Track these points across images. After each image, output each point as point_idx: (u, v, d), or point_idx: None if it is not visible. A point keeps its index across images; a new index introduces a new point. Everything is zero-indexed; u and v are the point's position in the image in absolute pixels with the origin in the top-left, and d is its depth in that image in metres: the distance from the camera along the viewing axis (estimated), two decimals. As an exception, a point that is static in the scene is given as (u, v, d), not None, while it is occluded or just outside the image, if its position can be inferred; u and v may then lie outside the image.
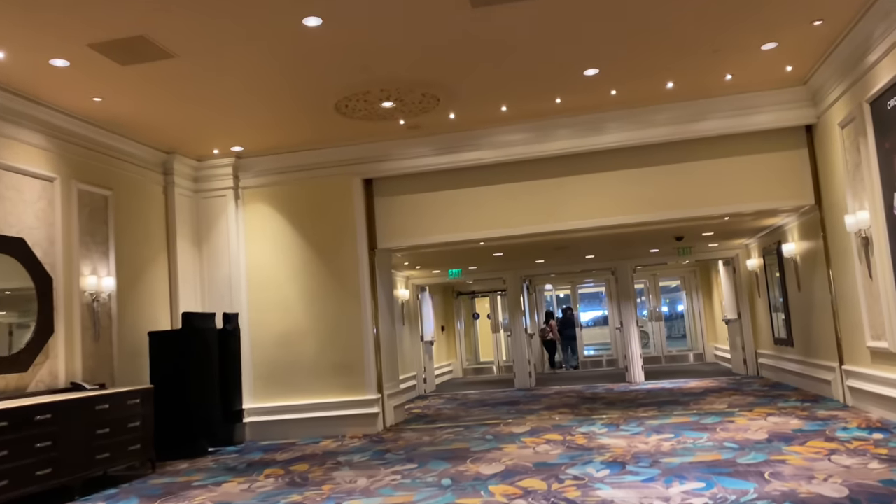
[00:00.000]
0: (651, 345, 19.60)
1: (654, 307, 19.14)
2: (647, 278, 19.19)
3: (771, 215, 10.03)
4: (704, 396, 10.95)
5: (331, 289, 9.89)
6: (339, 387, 9.76)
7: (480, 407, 11.86)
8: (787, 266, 10.99)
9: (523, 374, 14.70)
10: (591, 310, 28.75)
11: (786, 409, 8.92)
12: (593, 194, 9.54)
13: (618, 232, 10.33)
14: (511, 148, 9.58)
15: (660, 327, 18.94)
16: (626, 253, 13.88)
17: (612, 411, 10.01)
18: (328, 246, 9.97)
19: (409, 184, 10.08)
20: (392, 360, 10.58)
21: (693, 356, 18.58)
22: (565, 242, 11.53)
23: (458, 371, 19.25)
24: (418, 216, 10.03)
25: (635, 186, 9.42)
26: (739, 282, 13.96)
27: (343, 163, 9.94)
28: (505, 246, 11.39)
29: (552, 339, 19.02)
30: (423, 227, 10.02)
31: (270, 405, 9.85)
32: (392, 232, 10.14)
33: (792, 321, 11.10)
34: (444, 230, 9.95)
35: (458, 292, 19.61)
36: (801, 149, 9.10)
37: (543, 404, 11.53)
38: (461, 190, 9.93)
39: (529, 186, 9.73)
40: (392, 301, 10.96)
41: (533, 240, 10.50)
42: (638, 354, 14.29)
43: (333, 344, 9.81)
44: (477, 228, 9.86)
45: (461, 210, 9.90)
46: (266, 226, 10.15)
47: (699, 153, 9.31)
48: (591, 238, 11.16)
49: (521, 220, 9.72)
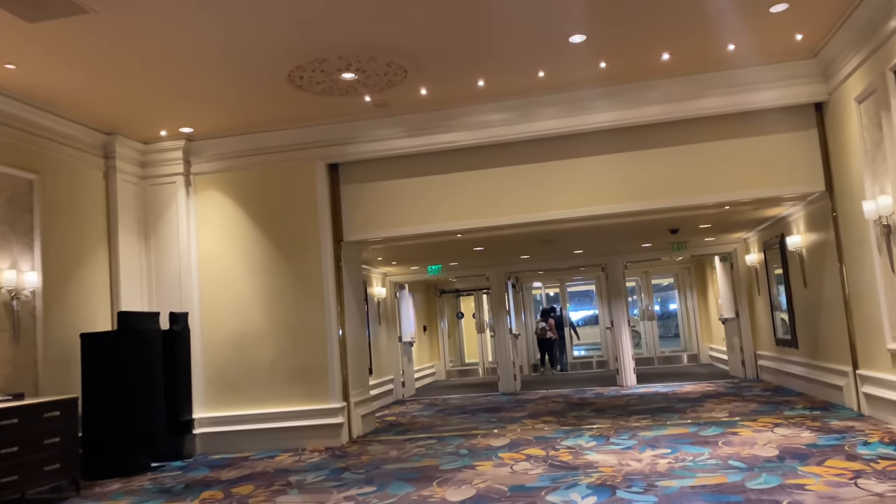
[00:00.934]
0: (643, 345, 18.72)
1: (646, 306, 18.26)
2: (639, 275, 18.31)
3: (775, 204, 9.14)
4: (702, 403, 10.06)
5: (291, 285, 8.94)
6: (299, 394, 8.80)
7: (459, 414, 10.93)
8: (791, 260, 10.12)
9: (508, 378, 13.78)
10: (582, 309, 27.92)
11: (794, 418, 8.03)
12: (581, 181, 8.63)
13: (608, 223, 9.43)
14: (490, 129, 8.66)
15: (652, 327, 18.07)
16: (617, 248, 12.98)
17: (602, 420, 9.11)
18: (289, 238, 9.01)
19: (378, 169, 9.14)
20: (361, 364, 9.63)
21: (687, 357, 17.72)
22: (551, 235, 10.62)
23: (442, 373, 18.33)
24: (389, 205, 9.09)
25: (627, 172, 8.52)
26: (737, 278, 13.09)
27: (305, 146, 8.99)
28: (486, 239, 10.47)
29: (552, 337, 18.06)
30: (395, 218, 9.08)
31: (224, 415, 8.88)
32: (360, 223, 9.20)
33: (796, 320, 10.22)
34: (417, 221, 9.01)
35: (441, 290, 18.68)
36: (811, 129, 8.22)
37: (527, 411, 10.61)
38: (436, 176, 9.00)
39: (511, 172, 8.81)
40: (362, 299, 10.02)
41: (516, 231, 9.59)
42: (630, 356, 13.40)
43: (294, 347, 8.86)
44: (453, 219, 8.94)
45: (436, 198, 8.97)
46: (220, 216, 9.18)
47: (697, 135, 8.42)
48: (579, 230, 10.25)
49: (501, 210, 8.80)
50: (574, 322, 20.39)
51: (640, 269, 17.85)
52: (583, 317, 28.66)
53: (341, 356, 8.97)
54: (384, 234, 9.16)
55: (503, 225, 8.92)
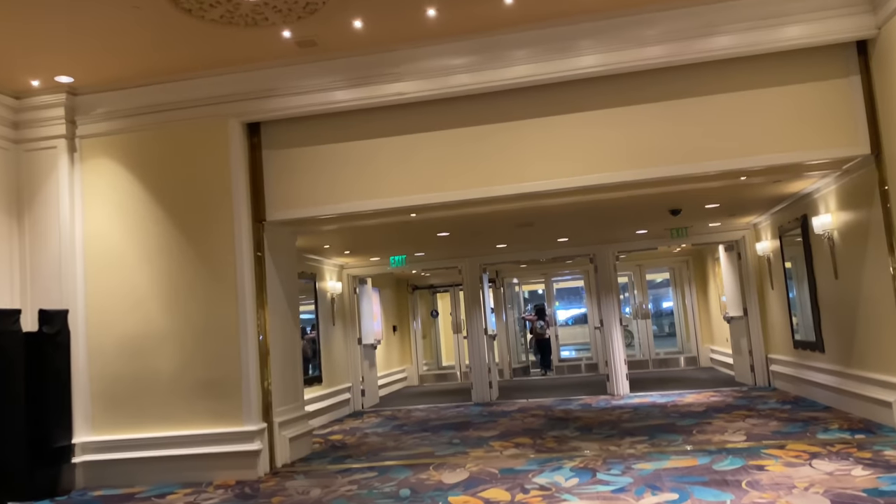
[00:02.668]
0: (636, 346, 16.98)
1: (640, 303, 16.51)
2: (632, 269, 16.55)
3: (801, 174, 7.36)
4: (709, 418, 8.30)
5: (200, 276, 7.12)
6: (207, 414, 6.99)
7: (419, 431, 9.13)
8: (816, 247, 8.38)
9: (482, 385, 11.99)
10: (571, 307, 26.22)
11: (833, 444, 6.28)
12: (563, 144, 6.85)
13: (597, 199, 7.63)
14: (448, 77, 6.86)
15: (646, 326, 16.32)
16: (608, 234, 11.21)
17: (588, 442, 7.34)
18: (196, 217, 7.20)
19: (309, 130, 7.34)
20: (291, 374, 7.82)
21: (685, 360, 15.98)
22: (528, 216, 8.84)
23: (414, 378, 16.52)
24: (324, 176, 7.29)
25: (620, 132, 6.75)
26: (746, 271, 11.35)
27: (214, 99, 7.16)
28: (449, 221, 8.67)
29: (549, 337, 16.41)
30: (331, 192, 7.27)
31: (114, 438, 7.06)
32: (288, 197, 7.38)
33: (822, 319, 8.48)
34: (359, 195, 7.21)
35: (413, 286, 16.87)
36: (851, 76, 6.46)
37: (499, 428, 8.83)
38: (382, 139, 7.20)
39: (475, 134, 7.02)
40: (295, 294, 8.20)
41: (484, 210, 7.79)
42: (622, 361, 11.63)
43: (202, 354, 7.05)
44: (405, 193, 7.13)
45: (383, 167, 7.17)
46: (112, 189, 7.36)
47: (706, 84, 6.66)
48: (562, 209, 8.48)
49: (465, 181, 7.01)
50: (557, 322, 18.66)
51: (633, 261, 16.10)
52: (571, 316, 26.98)
53: (261, 366, 7.16)
54: (318, 211, 7.35)
55: (467, 200, 7.12)
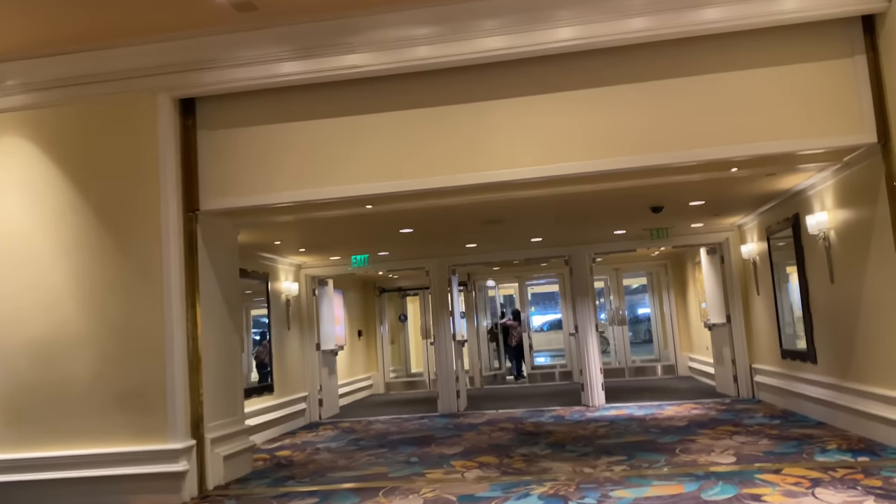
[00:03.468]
0: (612, 353, 16.30)
1: (616, 308, 15.82)
2: (609, 274, 15.88)
3: (796, 165, 6.65)
4: (693, 434, 7.58)
5: (121, 273, 6.24)
6: (127, 428, 6.10)
7: (375, 447, 8.30)
8: (810, 248, 7.71)
9: (448, 395, 11.18)
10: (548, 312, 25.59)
11: (834, 468, 5.57)
12: (535, 128, 6.08)
13: (571, 193, 6.90)
14: (408, 50, 6.06)
15: (623, 333, 15.65)
16: (584, 235, 10.48)
17: (560, 462, 6.57)
18: (119, 206, 6.31)
19: (251, 108, 6.50)
20: (229, 384, 6.96)
21: (662, 368, 15.32)
22: (497, 211, 8.07)
23: (380, 386, 15.67)
24: (268, 160, 6.45)
25: (599, 115, 6.00)
26: (729, 275, 10.69)
27: (141, 71, 6.29)
28: (410, 214, 7.87)
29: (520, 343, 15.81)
30: (276, 178, 6.43)
31: (18, 457, 6.14)
32: (226, 184, 6.52)
33: (815, 327, 7.82)
34: (307, 182, 6.37)
35: (381, 288, 16.03)
36: (857, 55, 5.78)
37: (463, 444, 8.03)
38: (334, 120, 6.38)
39: (438, 115, 6.23)
40: (236, 295, 7.33)
41: (448, 202, 7.01)
42: (597, 370, 10.90)
43: (122, 361, 6.16)
44: (358, 180, 6.31)
45: (335, 151, 6.34)
46: (24, 171, 6.44)
47: (694, 63, 5.94)
48: (534, 205, 7.73)
49: (425, 168, 6.21)
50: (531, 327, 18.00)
51: (609, 265, 15.43)
52: (547, 321, 26.32)
53: (191, 375, 6.29)
54: (260, 200, 6.49)
55: (428, 190, 6.31)
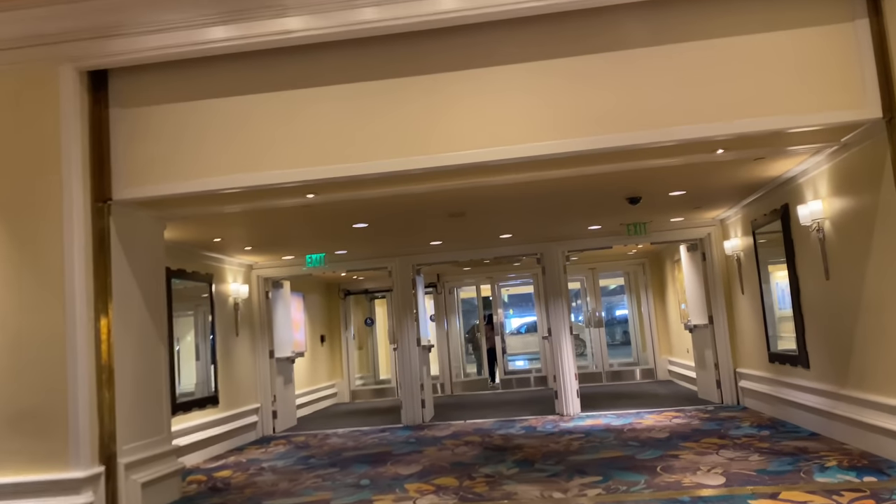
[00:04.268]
0: (589, 356, 15.60)
1: (593, 310, 15.12)
2: (585, 274, 15.18)
3: (788, 146, 5.94)
4: (675, 449, 6.86)
5: (14, 274, 5.35)
6: (21, 455, 5.21)
7: (325, 466, 7.48)
8: (800, 242, 7.03)
9: (412, 405, 10.37)
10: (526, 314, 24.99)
11: (838, 490, 4.85)
12: (498, 104, 5.29)
13: (540, 181, 6.15)
14: (349, 12, 5.23)
15: (600, 335, 14.95)
16: (557, 230, 9.73)
17: (527, 484, 5.80)
18: (13, 196, 5.43)
19: (172, 81, 5.64)
20: (151, 400, 6.08)
21: (640, 372, 14.64)
22: (459, 203, 7.29)
23: (345, 394, 14.81)
24: (191, 141, 5.59)
25: (568, 89, 5.23)
26: (711, 273, 10.01)
27: (40, 38, 5.40)
28: (361, 206, 7.06)
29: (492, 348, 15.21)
30: (201, 162, 5.57)
31: None
32: (143, 170, 5.66)
33: (807, 329, 7.13)
34: (237, 166, 5.52)
35: (345, 291, 15.17)
36: (858, 19, 5.09)
37: (423, 462, 7.24)
38: (266, 95, 5.54)
39: (386, 89, 5.42)
40: (162, 300, 6.46)
41: (402, 192, 6.23)
42: (572, 376, 10.15)
43: (15, 376, 5.27)
44: (296, 164, 5.46)
45: (267, 131, 5.51)
46: None
47: (674, 29, 5.20)
48: (499, 195, 6.97)
49: (372, 150, 5.38)
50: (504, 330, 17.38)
51: (585, 264, 14.73)
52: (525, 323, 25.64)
53: (101, 390, 5.42)
54: (183, 188, 5.61)
55: (374, 175, 5.49)
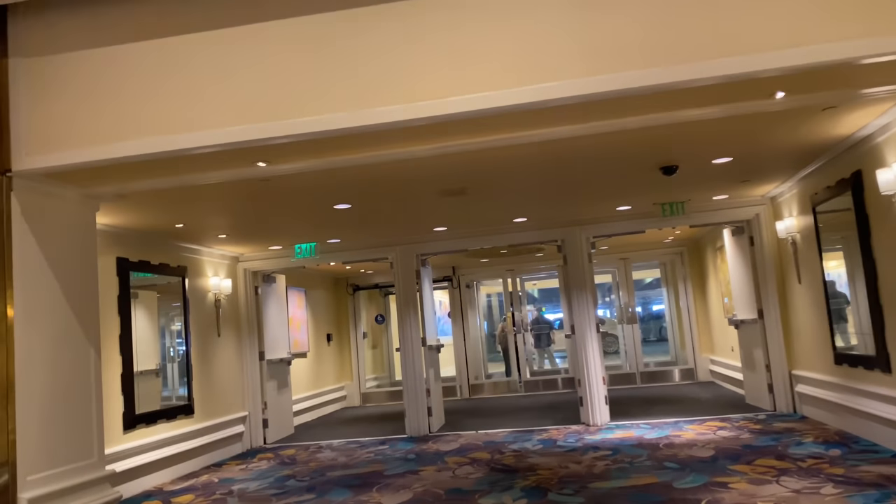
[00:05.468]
0: (622, 355, 14.23)
1: (625, 304, 13.74)
2: (616, 265, 13.79)
3: (865, 90, 4.58)
4: (723, 474, 5.54)
5: None
6: None
7: (302, 491, 6.34)
8: (878, 217, 5.65)
9: (417, 413, 9.17)
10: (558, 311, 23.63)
11: (958, 549, 3.53)
12: (492, 36, 4.03)
13: (554, 141, 4.87)
14: (287, -76, 4.08)
15: (633, 332, 13.57)
16: (579, 212, 8.43)
17: (534, 526, 4.57)
18: None
19: (86, 22, 4.50)
20: (76, 416, 4.98)
21: (679, 372, 13.23)
22: (455, 176, 6.05)
23: (355, 397, 13.68)
24: (110, 96, 4.45)
25: (585, 15, 3.97)
26: (761, 259, 8.62)
27: None
28: (337, 180, 5.87)
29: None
30: (122, 120, 4.42)
31: None
32: (51, 134, 4.53)
33: (888, 324, 5.74)
34: (166, 125, 4.36)
35: (354, 286, 14.04)
36: None
37: (415, 488, 6.04)
38: (198, 35, 4.38)
39: (349, 21, 4.21)
40: (93, 296, 5.33)
41: (377, 159, 5.00)
42: (599, 380, 8.85)
43: None
44: (235, 120, 4.30)
45: (201, 80, 4.35)
46: None
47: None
48: (506, 166, 5.72)
49: (332, 101, 4.17)
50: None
51: (616, 253, 13.36)
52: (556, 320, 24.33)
53: None
54: (98, 154, 4.43)
55: (333, 131, 4.25)
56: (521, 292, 14.37)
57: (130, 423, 6.85)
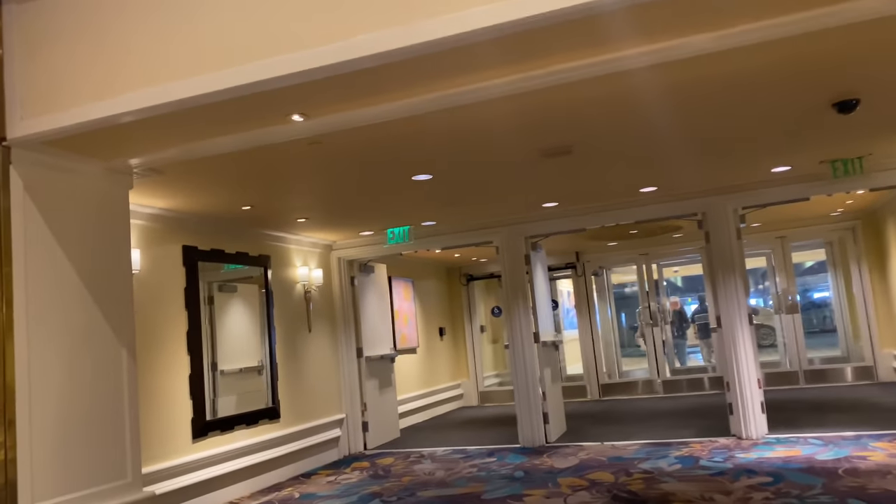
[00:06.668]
0: (780, 350, 12.19)
1: (783, 291, 11.68)
2: (771, 245, 11.74)
3: None
4: (944, 524, 3.92)
5: None
6: None
7: (382, 516, 5.34)
8: None
9: (530, 421, 7.92)
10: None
11: None
12: None
13: (679, 57, 3.49)
14: None
15: (794, 323, 11.52)
16: (722, 175, 6.81)
17: None
18: None
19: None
20: (98, 434, 4.21)
21: (853, 371, 11.07)
22: (556, 127, 4.76)
23: (472, 396, 12.64)
24: (118, 42, 3.64)
25: None
26: (973, 229, 6.62)
27: None
28: (405, 141, 4.77)
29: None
30: (134, 68, 3.60)
31: None
32: (57, 89, 3.76)
33: None
34: (193, 66, 3.46)
35: (468, 275, 12.96)
36: None
37: (513, 521, 4.86)
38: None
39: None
40: (126, 294, 4.55)
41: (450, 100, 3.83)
42: (753, 384, 7.21)
43: None
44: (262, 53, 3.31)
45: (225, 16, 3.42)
46: None
47: None
48: (616, 105, 4.37)
49: (375, 15, 3.11)
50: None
51: (770, 231, 11.34)
52: (701, 311, 22.14)
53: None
54: (110, 108, 3.60)
55: (372, 55, 3.17)
56: (659, 280, 12.69)
57: (201, 430, 6.14)
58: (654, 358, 11.95)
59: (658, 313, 12.24)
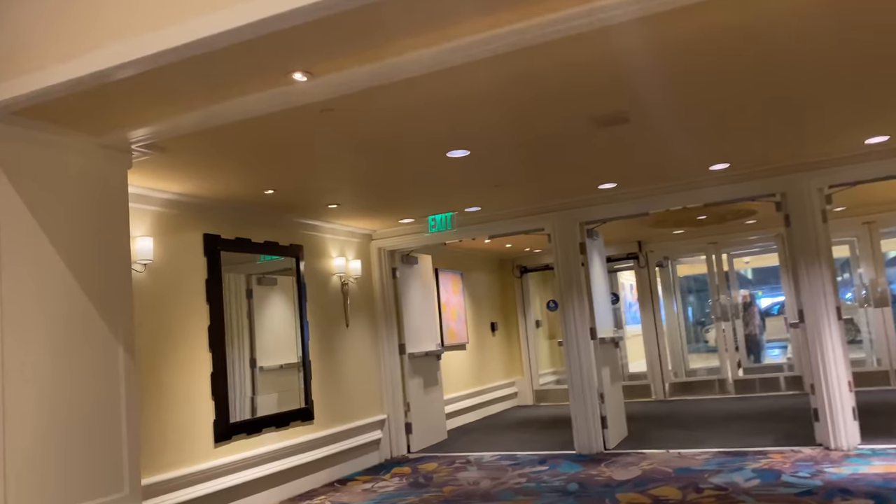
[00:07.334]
0: (866, 348, 11.05)
1: (871, 281, 10.53)
2: (857, 231, 10.59)
3: None
4: None
5: None
6: None
7: (415, 534, 4.74)
8: None
9: (587, 425, 7.20)
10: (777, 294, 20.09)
11: None
12: None
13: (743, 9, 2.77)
14: None
15: (884, 318, 10.38)
16: (805, 148, 5.95)
17: None
18: None
19: None
20: (90, 443, 3.75)
21: (954, 370, 9.89)
22: (607, 88, 4.05)
23: (527, 395, 11.94)
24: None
25: None
26: None
27: None
28: (426, 97, 4.12)
29: None
30: (95, 22, 3.12)
31: None
32: (26, 47, 3.32)
33: None
34: (167, 15, 2.96)
35: (521, 267, 12.25)
36: None
37: (562, 547, 4.19)
38: None
39: None
40: (124, 287, 4.08)
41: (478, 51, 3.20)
42: (843, 387, 6.30)
43: None
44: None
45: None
46: None
47: None
48: (672, 61, 3.65)
49: None
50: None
51: (856, 216, 10.22)
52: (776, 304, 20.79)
53: (-54, 429, 3.19)
54: (83, 67, 3.15)
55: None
56: (730, 271, 11.72)
57: (224, 433, 5.68)
58: (726, 355, 11.00)
59: (729, 307, 11.28)
